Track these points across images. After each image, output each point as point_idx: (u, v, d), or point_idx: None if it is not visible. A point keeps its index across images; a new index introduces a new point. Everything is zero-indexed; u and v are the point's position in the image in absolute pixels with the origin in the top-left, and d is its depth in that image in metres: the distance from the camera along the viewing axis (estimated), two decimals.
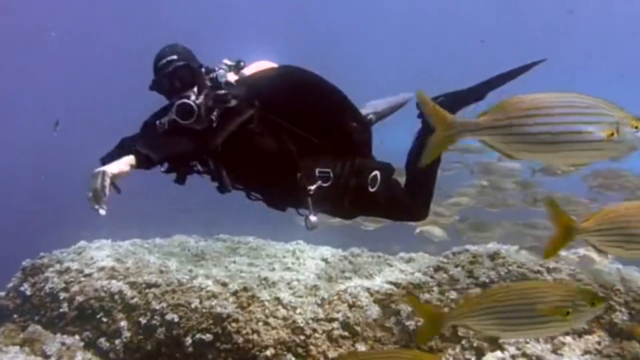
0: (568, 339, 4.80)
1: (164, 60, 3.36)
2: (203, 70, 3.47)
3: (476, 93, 4.09)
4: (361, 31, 26.41)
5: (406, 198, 4.12)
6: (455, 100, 4.10)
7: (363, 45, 25.39)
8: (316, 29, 25.48)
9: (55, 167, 18.06)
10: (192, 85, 3.37)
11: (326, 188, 3.64)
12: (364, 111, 4.08)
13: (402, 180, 4.23)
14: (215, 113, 3.28)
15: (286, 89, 3.54)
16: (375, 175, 3.86)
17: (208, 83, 3.44)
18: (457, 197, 7.73)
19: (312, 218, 3.63)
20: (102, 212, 3.20)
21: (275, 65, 3.81)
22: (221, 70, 3.49)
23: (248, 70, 3.66)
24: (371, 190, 3.86)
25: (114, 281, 5.53)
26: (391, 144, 4.63)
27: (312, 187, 3.59)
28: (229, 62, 3.61)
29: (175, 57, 3.38)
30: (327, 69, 3.72)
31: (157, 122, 3.36)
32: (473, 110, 4.14)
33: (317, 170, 3.61)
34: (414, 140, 4.28)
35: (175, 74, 3.33)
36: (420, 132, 4.27)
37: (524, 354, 4.71)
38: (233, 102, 3.34)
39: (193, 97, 3.32)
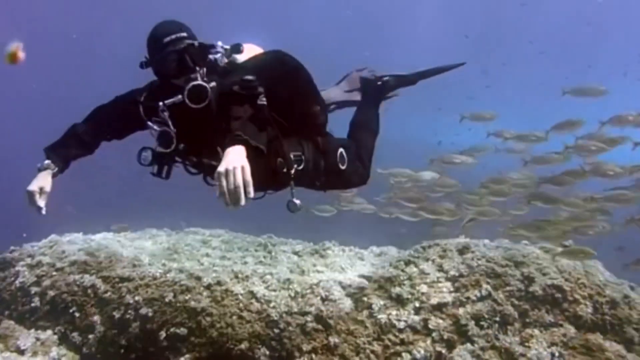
0: (536, 331, 4.94)
1: (174, 36, 3.20)
2: (215, 51, 3.36)
3: (411, 79, 4.75)
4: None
5: (358, 166, 4.27)
6: (397, 82, 4.72)
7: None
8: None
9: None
10: (200, 66, 3.24)
11: (301, 170, 3.67)
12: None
13: None
14: (262, 100, 3.16)
15: (279, 76, 3.49)
16: (341, 152, 3.96)
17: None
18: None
19: (296, 201, 3.65)
20: (44, 211, 3.17)
21: (260, 49, 3.77)
22: (218, 54, 3.39)
23: (240, 56, 3.55)
24: (342, 167, 3.96)
25: (86, 275, 5.50)
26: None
27: (293, 171, 3.61)
28: (224, 46, 3.48)
29: (184, 34, 3.24)
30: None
31: (160, 103, 3.21)
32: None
33: (292, 154, 3.63)
34: (355, 112, 4.64)
35: (187, 52, 3.19)
36: (360, 103, 4.71)
37: (493, 347, 4.83)
38: (260, 90, 3.22)
39: (200, 80, 3.20)
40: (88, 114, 3.64)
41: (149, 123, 3.37)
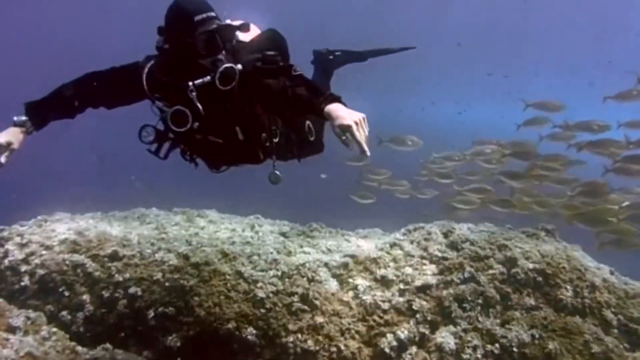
0: (517, 314, 5.05)
1: (204, 15, 3.17)
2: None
3: (362, 56, 5.14)
4: None
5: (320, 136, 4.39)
6: (348, 56, 5.06)
7: None
8: None
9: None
10: (224, 47, 3.24)
11: (277, 143, 3.72)
12: None
13: None
14: (298, 70, 3.20)
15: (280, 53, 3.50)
16: (309, 125, 4.02)
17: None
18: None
19: (277, 172, 3.68)
20: (2, 166, 3.16)
21: (258, 29, 3.77)
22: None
23: (243, 35, 3.57)
24: (311, 139, 4.03)
25: (75, 254, 5.52)
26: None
27: (274, 144, 3.65)
28: (233, 24, 3.44)
29: (213, 13, 3.21)
30: None
31: (190, 84, 3.18)
32: None
33: (271, 128, 3.67)
34: None
35: (218, 32, 3.19)
36: (312, 75, 4.92)
37: (475, 328, 4.94)
38: (282, 63, 3.27)
39: (226, 61, 3.20)
40: (78, 77, 3.58)
41: (157, 102, 3.40)
